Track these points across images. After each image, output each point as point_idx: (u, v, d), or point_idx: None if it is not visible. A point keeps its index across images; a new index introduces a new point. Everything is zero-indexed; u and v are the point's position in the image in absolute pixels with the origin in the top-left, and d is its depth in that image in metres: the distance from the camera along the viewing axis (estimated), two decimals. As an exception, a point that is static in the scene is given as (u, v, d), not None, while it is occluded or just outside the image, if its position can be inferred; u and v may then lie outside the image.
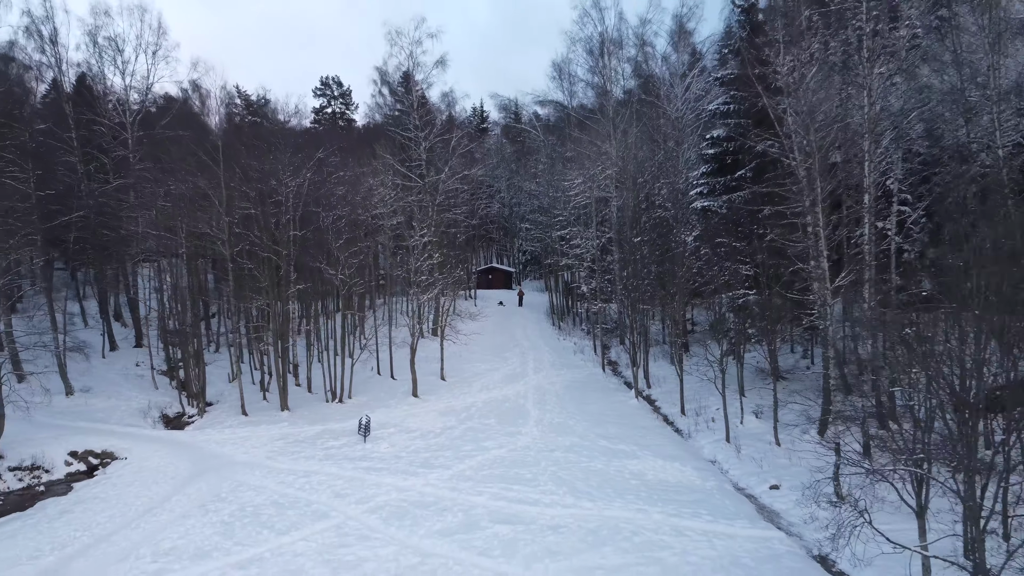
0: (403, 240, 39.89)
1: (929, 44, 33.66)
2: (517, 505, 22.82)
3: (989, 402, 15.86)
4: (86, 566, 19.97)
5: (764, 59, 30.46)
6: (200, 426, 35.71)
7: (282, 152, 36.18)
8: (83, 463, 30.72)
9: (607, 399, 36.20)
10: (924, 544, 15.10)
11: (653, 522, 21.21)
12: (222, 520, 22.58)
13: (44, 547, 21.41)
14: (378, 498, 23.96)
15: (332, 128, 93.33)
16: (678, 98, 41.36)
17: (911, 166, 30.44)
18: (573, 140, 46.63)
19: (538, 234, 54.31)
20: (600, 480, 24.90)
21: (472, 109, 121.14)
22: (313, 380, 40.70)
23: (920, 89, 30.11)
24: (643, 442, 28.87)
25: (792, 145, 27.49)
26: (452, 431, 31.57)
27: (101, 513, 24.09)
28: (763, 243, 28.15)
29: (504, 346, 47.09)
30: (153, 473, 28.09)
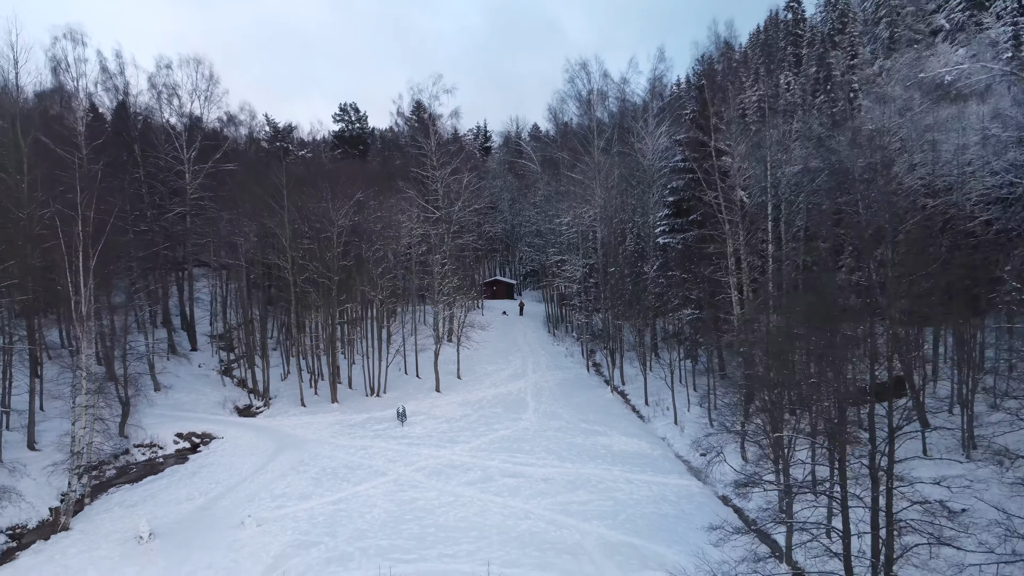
0: (427, 265, 49.41)
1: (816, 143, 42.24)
2: (519, 466, 32.37)
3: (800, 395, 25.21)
4: (227, 504, 29.52)
5: (712, 128, 39.81)
6: (268, 415, 45.17)
7: (332, 195, 45.58)
8: (187, 442, 40.21)
9: (589, 393, 45.68)
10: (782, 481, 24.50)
11: (612, 476, 30.78)
12: (311, 477, 32.13)
13: (192, 493, 31.00)
14: (419, 463, 33.51)
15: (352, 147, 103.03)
16: (649, 149, 50.75)
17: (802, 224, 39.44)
18: (565, 178, 56.15)
19: (535, 255, 63.64)
20: (579, 451, 34.44)
21: (476, 129, 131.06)
22: (353, 379, 50.14)
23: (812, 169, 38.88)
24: (613, 425, 38.43)
25: (721, 204, 36.92)
26: (469, 417, 41.11)
27: (221, 473, 33.65)
28: (704, 274, 37.63)
29: (508, 351, 56.54)
30: (247, 448, 37.61)
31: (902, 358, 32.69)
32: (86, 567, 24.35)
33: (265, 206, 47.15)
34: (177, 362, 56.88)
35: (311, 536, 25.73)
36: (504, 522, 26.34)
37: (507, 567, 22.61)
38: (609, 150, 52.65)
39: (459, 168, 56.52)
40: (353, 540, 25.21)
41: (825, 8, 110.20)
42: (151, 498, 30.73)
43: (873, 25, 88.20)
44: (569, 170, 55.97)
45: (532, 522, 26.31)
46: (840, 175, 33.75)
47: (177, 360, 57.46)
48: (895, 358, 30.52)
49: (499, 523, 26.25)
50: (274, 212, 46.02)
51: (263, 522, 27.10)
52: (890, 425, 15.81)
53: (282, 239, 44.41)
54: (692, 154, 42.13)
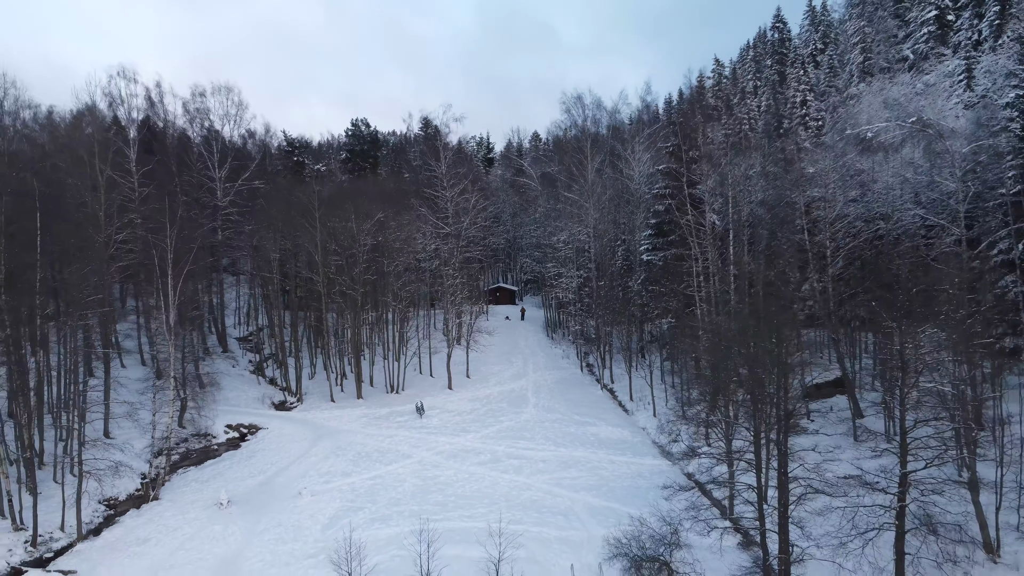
0: (440, 278, 56.01)
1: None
2: (521, 451, 38.95)
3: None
4: (283, 480, 36.10)
5: (687, 161, 46.33)
6: (302, 409, 51.69)
7: (356, 215, 52.06)
8: (236, 432, 46.72)
9: (582, 391, 52.20)
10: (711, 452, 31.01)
11: (599, 458, 37.37)
12: (349, 459, 38.70)
13: (253, 472, 37.60)
14: (438, 448, 40.09)
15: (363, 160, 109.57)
16: (636, 174, 57.17)
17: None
18: (563, 197, 62.73)
19: (535, 266, 70.13)
20: (572, 438, 41.01)
21: (479, 139, 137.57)
22: (374, 378, 56.64)
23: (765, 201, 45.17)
24: (601, 417, 45.01)
25: (692, 228, 43.42)
26: (478, 411, 47.68)
27: (272, 457, 40.23)
28: (678, 289, 44.19)
29: (511, 353, 63.04)
30: (290, 436, 44.18)
31: (840, 360, 39.39)
32: (182, 525, 30.97)
33: (297, 225, 53.73)
34: (211, 363, 63.42)
35: (356, 503, 32.33)
36: (510, 493, 32.91)
37: (513, 524, 29.08)
38: (603, 171, 59.20)
39: (467, 188, 63.04)
40: (390, 506, 31.80)
41: (808, 27, 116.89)
42: (219, 476, 37.35)
43: (850, 49, 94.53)
44: (566, 190, 62.57)
45: (532, 492, 32.90)
46: (788, 207, 40.26)
47: (211, 360, 64.00)
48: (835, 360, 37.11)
49: (506, 493, 32.82)
50: (305, 230, 52.56)
51: (316, 493, 33.70)
52: (780, 413, 22.30)
53: (315, 256, 50.94)
54: (671, 182, 48.71)
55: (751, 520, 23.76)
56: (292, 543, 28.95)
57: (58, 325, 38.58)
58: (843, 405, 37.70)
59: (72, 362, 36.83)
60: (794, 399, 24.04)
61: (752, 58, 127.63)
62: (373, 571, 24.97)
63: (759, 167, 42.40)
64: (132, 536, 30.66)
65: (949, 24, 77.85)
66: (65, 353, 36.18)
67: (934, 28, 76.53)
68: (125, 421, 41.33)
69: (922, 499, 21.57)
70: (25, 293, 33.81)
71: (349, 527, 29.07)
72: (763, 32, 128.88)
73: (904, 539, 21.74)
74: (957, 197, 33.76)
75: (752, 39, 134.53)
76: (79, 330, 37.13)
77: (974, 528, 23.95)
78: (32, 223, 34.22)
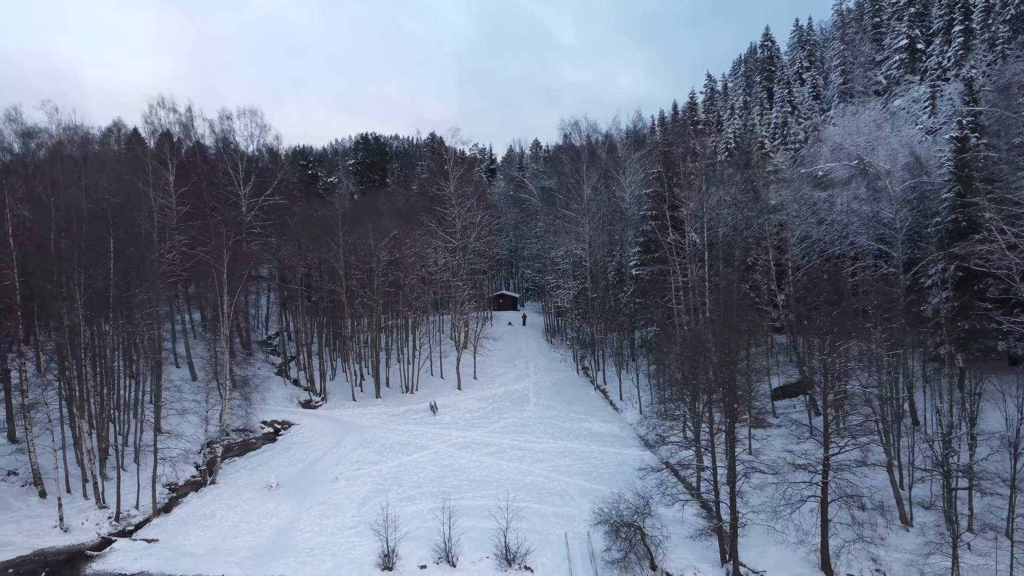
0: (449, 288, 62.05)
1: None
2: (524, 443, 44.94)
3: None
4: (320, 467, 42.10)
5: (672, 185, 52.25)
6: (327, 408, 57.66)
7: (375, 235, 58.05)
8: (271, 427, 52.76)
9: (578, 391, 58.17)
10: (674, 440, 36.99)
11: (590, 449, 43.37)
12: (374, 450, 44.70)
13: (293, 460, 43.60)
14: (451, 441, 46.08)
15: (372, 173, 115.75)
16: (627, 195, 63.12)
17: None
18: (561, 214, 68.77)
19: (535, 276, 76.07)
20: (567, 432, 47.00)
21: (482, 151, 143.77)
22: (390, 379, 62.61)
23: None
24: (593, 414, 50.99)
25: (672, 248, 49.38)
26: (485, 409, 53.67)
27: (307, 448, 46.22)
28: (661, 301, 50.16)
29: (513, 357, 68.99)
30: (320, 431, 50.16)
31: (799, 365, 45.36)
32: (240, 504, 37.01)
33: (320, 242, 59.79)
34: (238, 365, 69.35)
35: (384, 486, 38.33)
36: (514, 478, 38.88)
37: (517, 502, 34.97)
38: (598, 188, 65.27)
39: (473, 206, 69.12)
40: (414, 488, 37.80)
41: (796, 46, 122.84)
42: (263, 464, 43.38)
43: (832, 69, 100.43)
44: (564, 207, 68.64)
45: (533, 477, 38.88)
46: (759, 230, 46.29)
47: (235, 363, 69.93)
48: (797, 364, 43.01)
49: (511, 478, 38.79)
50: (328, 246, 58.59)
51: (349, 478, 39.71)
52: (729, 410, 28.26)
53: (338, 270, 56.99)
54: (656, 205, 54.72)
55: (707, 494, 29.74)
56: (334, 518, 34.94)
57: (121, 334, 44.61)
58: (804, 404, 43.65)
59: (138, 368, 42.91)
60: (761, 398, 30.02)
61: (743, 73, 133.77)
62: (405, 537, 30.96)
63: (731, 197, 48.24)
64: (199, 512, 36.68)
65: (920, 52, 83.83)
66: (136, 359, 42.22)
67: (905, 56, 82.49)
68: (174, 417, 47.33)
69: (839, 479, 27.55)
70: (102, 309, 39.87)
71: (382, 504, 35.01)
72: (754, 48, 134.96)
73: (827, 508, 27.73)
74: (894, 226, 39.71)
75: (744, 54, 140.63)
76: (146, 340, 43.14)
77: (893, 504, 29.98)
78: (106, 245, 40.36)
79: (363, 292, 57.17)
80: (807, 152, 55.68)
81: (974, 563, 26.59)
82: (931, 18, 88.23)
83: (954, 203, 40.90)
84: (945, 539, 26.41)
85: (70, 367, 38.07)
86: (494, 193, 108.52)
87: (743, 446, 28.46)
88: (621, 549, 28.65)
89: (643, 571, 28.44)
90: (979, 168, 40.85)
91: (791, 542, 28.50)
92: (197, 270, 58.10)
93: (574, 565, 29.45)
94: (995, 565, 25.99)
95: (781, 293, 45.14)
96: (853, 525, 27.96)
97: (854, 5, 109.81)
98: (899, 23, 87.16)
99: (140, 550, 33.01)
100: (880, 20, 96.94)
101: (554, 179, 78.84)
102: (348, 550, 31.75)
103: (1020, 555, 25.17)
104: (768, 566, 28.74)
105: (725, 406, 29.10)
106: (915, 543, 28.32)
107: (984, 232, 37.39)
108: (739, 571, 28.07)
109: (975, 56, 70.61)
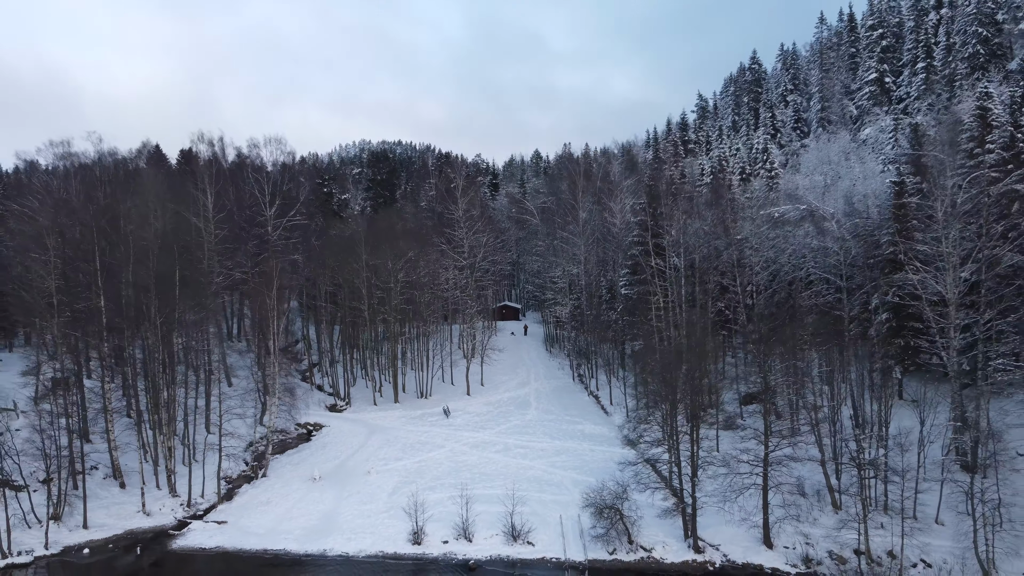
0: (458, 305, 69.51)
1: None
2: (526, 442, 52.35)
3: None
4: (353, 463, 49.52)
5: (655, 215, 59.60)
6: (351, 411, 65.02)
7: (393, 258, 65.47)
8: (304, 429, 60.11)
9: (573, 397, 65.55)
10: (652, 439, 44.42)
11: (583, 447, 50.81)
12: (398, 448, 52.11)
13: (328, 458, 51.02)
14: (463, 440, 53.50)
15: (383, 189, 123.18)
16: (618, 221, 70.50)
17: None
18: (559, 236, 76.24)
19: (535, 291, 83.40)
20: (564, 433, 54.39)
21: (486, 167, 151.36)
22: (406, 385, 69.96)
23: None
24: (586, 417, 58.40)
25: (654, 271, 56.77)
26: (492, 412, 61.05)
27: (340, 447, 53.61)
28: (645, 319, 57.54)
29: (516, 365, 76.35)
30: (349, 432, 57.54)
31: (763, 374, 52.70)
32: (290, 493, 44.46)
33: (344, 263, 67.27)
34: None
35: (409, 478, 45.72)
36: (518, 472, 46.25)
37: (520, 492, 42.30)
38: (592, 210, 72.78)
39: (480, 228, 76.62)
40: (434, 480, 45.21)
41: (781, 70, 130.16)
42: (304, 460, 50.82)
43: (812, 95, 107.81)
44: (562, 229, 76.14)
45: (534, 471, 46.27)
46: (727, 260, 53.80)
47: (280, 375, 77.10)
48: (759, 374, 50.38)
49: (515, 472, 46.15)
50: (352, 267, 66.05)
51: (379, 472, 47.13)
52: (691, 414, 35.62)
53: (361, 289, 64.46)
54: (642, 232, 62.16)
55: (675, 483, 37.15)
56: (370, 504, 42.37)
57: (185, 350, 52.12)
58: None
59: (197, 377, 50.44)
60: (730, 403, 37.45)
61: (732, 93, 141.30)
62: (430, 519, 38.40)
63: (706, 228, 55.67)
64: (256, 500, 44.14)
65: (890, 83, 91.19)
66: (198, 369, 49.69)
67: (875, 88, 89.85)
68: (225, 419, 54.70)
69: (776, 471, 34.95)
70: (170, 328, 47.37)
71: (409, 493, 42.40)
72: (743, 68, 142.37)
73: (767, 494, 35.15)
74: (838, 259, 47.14)
75: (734, 73, 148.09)
76: (203, 354, 50.66)
77: (827, 491, 37.43)
78: (173, 278, 47.89)
79: (383, 309, 64.59)
80: (782, 181, 62.99)
81: (878, 534, 34.04)
82: (902, 51, 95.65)
83: (892, 239, 48.44)
84: (857, 517, 33.84)
85: (151, 377, 45.60)
86: (497, 208, 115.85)
87: (711, 443, 35.74)
88: (604, 527, 36.12)
89: (622, 544, 35.89)
90: (912, 209, 48.36)
91: (737, 520, 35.95)
92: (241, 290, 65.62)
93: (567, 540, 36.90)
94: (891, 537, 33.45)
95: (747, 312, 52.54)
96: (786, 506, 35.42)
97: (834, 34, 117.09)
98: (871, 57, 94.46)
99: (213, 530, 40.49)
100: (856, 50, 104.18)
101: (553, 199, 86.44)
102: (383, 529, 39.20)
103: (908, 528, 32.66)
104: (722, 540, 36.18)
105: (690, 413, 36.57)
106: (838, 521, 35.74)
107: (913, 265, 44.87)
108: (698, 544, 35.52)
109: (932, 95, 77.98)
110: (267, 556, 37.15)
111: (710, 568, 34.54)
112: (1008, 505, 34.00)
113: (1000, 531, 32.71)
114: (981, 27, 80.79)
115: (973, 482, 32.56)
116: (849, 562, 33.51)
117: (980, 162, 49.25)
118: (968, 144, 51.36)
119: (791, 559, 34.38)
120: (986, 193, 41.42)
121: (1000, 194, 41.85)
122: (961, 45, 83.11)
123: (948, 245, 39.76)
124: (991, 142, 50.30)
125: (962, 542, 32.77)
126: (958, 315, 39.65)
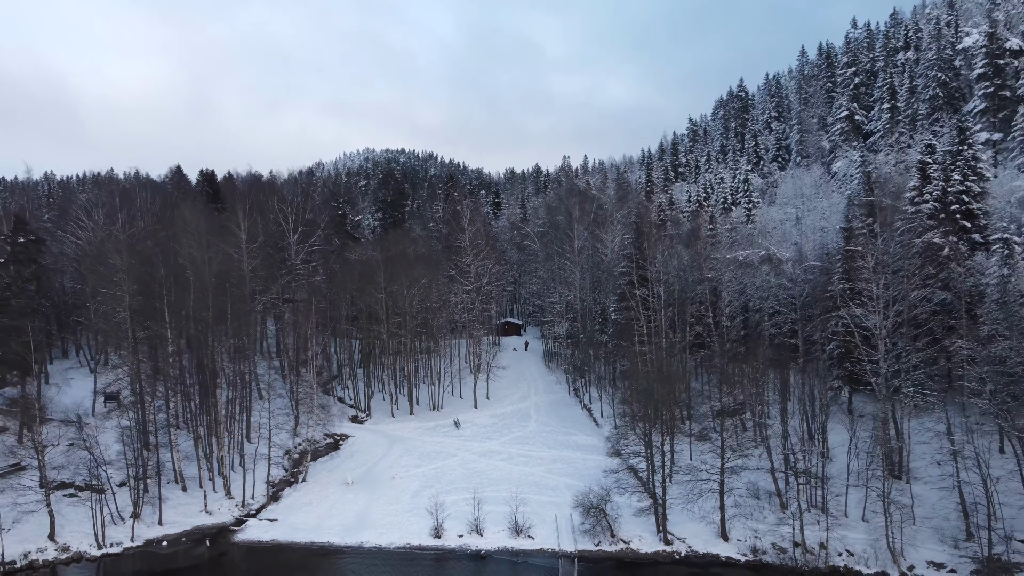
0: (466, 324, 77.77)
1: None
2: (527, 452, 60.50)
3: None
4: (379, 470, 57.68)
5: (641, 249, 67.78)
6: (372, 423, 73.13)
7: (408, 285, 73.65)
8: (331, 439, 68.21)
9: (569, 410, 73.60)
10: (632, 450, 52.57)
11: (576, 456, 58.98)
12: (416, 457, 60.25)
13: (357, 465, 59.17)
14: (473, 449, 61.65)
15: (393, 210, 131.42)
16: (609, 251, 78.62)
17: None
18: (556, 263, 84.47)
19: (534, 312, 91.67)
20: (559, 444, 62.53)
21: (488, 185, 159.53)
22: (420, 398, 78.04)
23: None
24: (580, 429, 66.53)
25: (638, 300, 64.96)
26: (497, 424, 69.18)
27: (365, 455, 61.75)
28: (631, 343, 65.69)
29: (518, 380, 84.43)
30: (372, 442, 65.66)
31: (743, 391, 60.84)
32: (327, 495, 52.64)
33: (364, 289, 75.50)
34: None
35: (428, 483, 53.84)
36: (520, 477, 54.35)
37: (523, 494, 50.38)
38: (586, 240, 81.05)
39: (486, 256, 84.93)
40: (449, 484, 53.34)
41: (765, 98, 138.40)
42: (336, 468, 58.96)
43: (792, 127, 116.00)
44: (559, 256, 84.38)
45: (535, 476, 54.40)
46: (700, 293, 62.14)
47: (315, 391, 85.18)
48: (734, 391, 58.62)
49: (518, 477, 54.25)
50: (371, 294, 74.25)
51: (402, 477, 55.25)
52: (665, 427, 43.73)
53: (380, 314, 72.71)
54: (629, 264, 70.39)
55: (650, 487, 45.34)
56: (396, 504, 50.52)
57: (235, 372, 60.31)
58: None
59: (242, 393, 58.68)
60: (705, 417, 45.70)
61: (722, 116, 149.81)
62: (448, 516, 46.55)
63: (684, 262, 63.88)
64: (299, 501, 52.31)
65: (862, 120, 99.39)
66: (242, 387, 57.88)
67: (847, 125, 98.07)
68: (265, 430, 62.84)
69: (730, 477, 43.05)
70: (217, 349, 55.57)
71: (429, 495, 50.43)
72: (732, 93, 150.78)
73: (724, 496, 43.28)
74: (794, 293, 55.33)
75: (724, 96, 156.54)
76: (248, 375, 58.88)
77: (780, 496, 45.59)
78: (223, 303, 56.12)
79: (399, 332, 72.83)
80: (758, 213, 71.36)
81: (812, 530, 42.18)
82: (874, 87, 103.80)
83: (843, 277, 56.58)
84: (794, 515, 41.97)
85: (208, 396, 53.82)
86: (499, 227, 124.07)
87: (685, 453, 43.78)
88: (591, 523, 44.29)
89: (605, 537, 44.03)
90: (859, 254, 56.55)
91: (698, 517, 44.12)
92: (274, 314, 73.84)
93: (560, 534, 45.04)
94: (823, 532, 41.63)
95: (719, 338, 60.73)
96: (739, 506, 43.62)
97: (814, 67, 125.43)
98: (843, 95, 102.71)
99: (267, 526, 48.64)
100: (833, 84, 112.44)
101: (551, 229, 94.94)
102: (408, 525, 47.35)
103: (833, 524, 40.85)
104: (687, 534, 44.32)
105: (664, 428, 44.77)
106: (781, 518, 43.84)
107: (859, 300, 52.95)
108: (667, 538, 43.66)
109: (894, 135, 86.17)
110: (315, 547, 45.26)
111: (677, 556, 42.65)
112: (918, 506, 42.21)
113: (913, 527, 40.93)
114: (940, 71, 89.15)
115: (885, 486, 40.69)
116: (787, 552, 41.60)
117: (918, 211, 57.71)
118: (910, 193, 59.84)
119: (742, 549, 42.49)
120: (912, 246, 49.57)
121: (924, 247, 49.99)
122: (923, 87, 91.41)
123: (879, 289, 47.92)
124: (928, 193, 58.71)
125: (878, 535, 40.86)
126: (887, 347, 47.78)
